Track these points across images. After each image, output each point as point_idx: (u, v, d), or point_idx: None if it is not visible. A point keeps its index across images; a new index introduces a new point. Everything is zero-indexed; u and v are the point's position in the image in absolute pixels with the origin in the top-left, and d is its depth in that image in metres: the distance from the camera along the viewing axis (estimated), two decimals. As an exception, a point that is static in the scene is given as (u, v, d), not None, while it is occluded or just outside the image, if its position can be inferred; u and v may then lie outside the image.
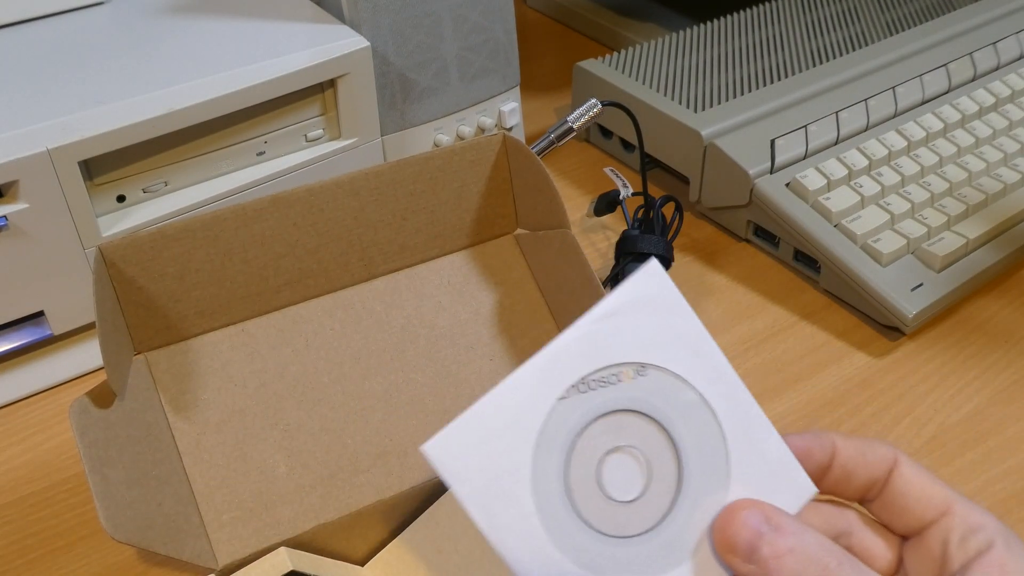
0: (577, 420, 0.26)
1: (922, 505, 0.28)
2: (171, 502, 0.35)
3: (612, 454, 0.27)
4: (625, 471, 0.27)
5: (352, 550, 0.39)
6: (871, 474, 0.29)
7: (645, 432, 0.27)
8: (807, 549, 0.25)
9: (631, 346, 0.27)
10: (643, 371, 0.27)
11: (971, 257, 0.55)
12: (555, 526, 0.26)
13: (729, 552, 0.26)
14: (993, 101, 0.65)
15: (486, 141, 0.43)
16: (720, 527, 0.27)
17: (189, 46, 0.52)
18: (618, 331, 0.27)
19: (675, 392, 0.27)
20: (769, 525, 0.26)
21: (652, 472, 0.27)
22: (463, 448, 0.26)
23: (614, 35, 0.81)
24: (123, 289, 0.37)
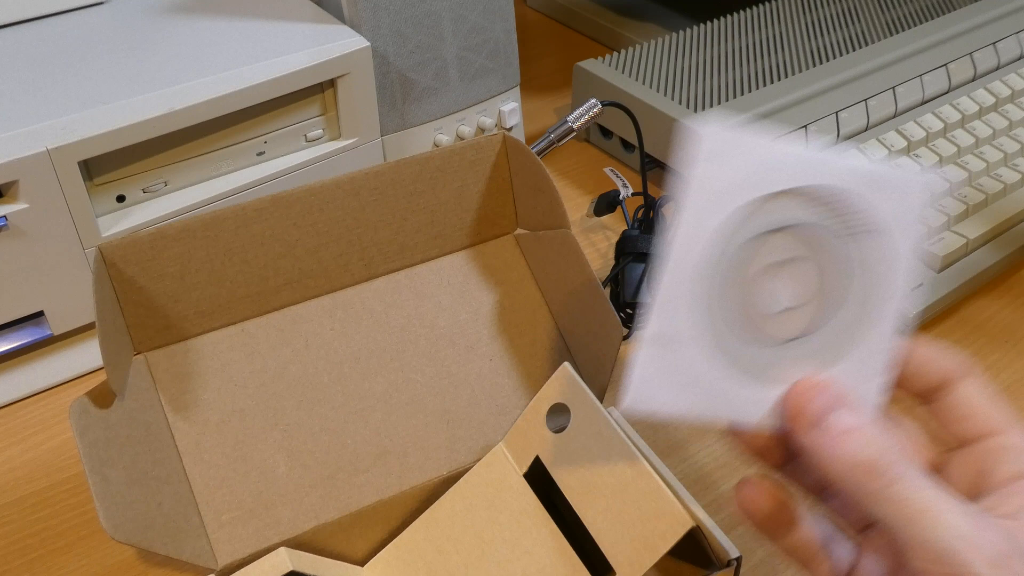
0: (787, 216, 0.28)
1: (977, 420, 0.29)
2: (171, 502, 0.36)
3: (783, 265, 0.28)
4: (785, 284, 0.28)
5: (352, 550, 0.39)
6: (940, 378, 0.30)
7: (820, 267, 0.28)
8: (870, 433, 0.27)
9: (881, 210, 0.28)
10: (870, 234, 0.28)
11: (971, 257, 0.55)
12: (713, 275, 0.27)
13: (796, 416, 0.28)
14: (993, 101, 0.65)
15: (486, 141, 0.43)
16: (793, 392, 0.28)
17: (189, 46, 0.52)
18: (874, 191, 0.28)
19: (863, 263, 0.29)
20: (837, 403, 0.27)
21: (805, 296, 0.28)
22: (727, 150, 0.27)
23: (614, 35, 0.81)
24: (123, 289, 0.37)
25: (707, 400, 0.28)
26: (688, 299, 0.27)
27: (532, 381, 0.42)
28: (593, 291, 0.40)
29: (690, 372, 0.28)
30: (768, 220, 0.28)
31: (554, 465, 0.37)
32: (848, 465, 0.26)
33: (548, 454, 0.37)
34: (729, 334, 0.28)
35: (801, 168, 0.27)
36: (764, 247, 0.28)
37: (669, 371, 0.27)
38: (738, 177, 0.27)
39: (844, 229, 0.28)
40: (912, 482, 0.26)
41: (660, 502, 0.33)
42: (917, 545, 0.25)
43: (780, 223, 0.28)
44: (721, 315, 0.28)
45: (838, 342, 0.29)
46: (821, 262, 0.28)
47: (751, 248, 0.28)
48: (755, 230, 0.28)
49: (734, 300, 0.28)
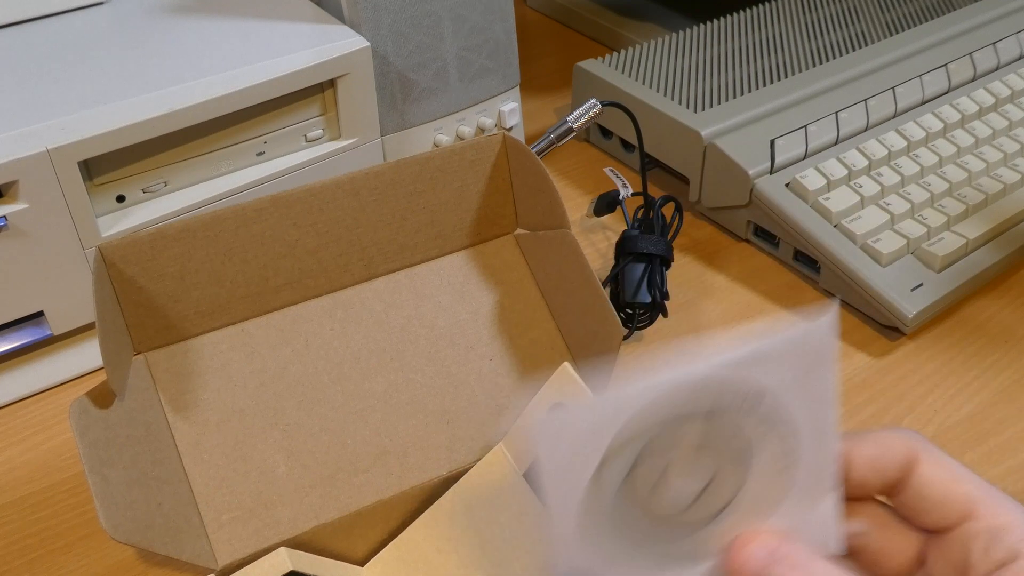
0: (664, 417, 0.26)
1: (944, 507, 0.27)
2: (171, 502, 0.35)
3: (684, 452, 0.26)
4: (692, 468, 0.27)
5: (352, 550, 0.39)
6: (887, 477, 0.28)
7: (727, 441, 0.27)
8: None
9: (763, 381, 0.26)
10: (760, 399, 0.26)
11: (971, 257, 0.55)
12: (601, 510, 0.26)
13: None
14: (993, 101, 0.65)
15: (486, 141, 0.43)
16: (730, 555, 0.27)
17: (189, 46, 0.52)
18: (759, 375, 0.26)
19: (770, 427, 0.27)
20: (774, 557, 0.26)
21: (719, 469, 0.27)
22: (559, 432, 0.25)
23: (614, 35, 0.81)
24: (123, 289, 0.37)
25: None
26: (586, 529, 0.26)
27: (532, 381, 0.42)
28: (593, 291, 0.40)
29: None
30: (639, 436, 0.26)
31: (554, 465, 0.37)
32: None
33: (548, 454, 0.37)
34: (645, 544, 0.27)
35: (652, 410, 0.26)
36: (653, 453, 0.26)
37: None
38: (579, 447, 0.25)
39: (737, 406, 0.26)
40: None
41: (660, 502, 0.33)
42: None
43: (653, 429, 0.26)
44: (631, 535, 0.26)
45: (768, 494, 0.27)
46: (717, 435, 0.27)
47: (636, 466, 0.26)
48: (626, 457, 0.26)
49: (638, 519, 0.27)
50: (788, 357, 0.26)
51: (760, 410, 0.26)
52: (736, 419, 0.26)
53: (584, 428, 0.25)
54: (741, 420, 0.26)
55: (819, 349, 0.26)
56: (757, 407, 0.26)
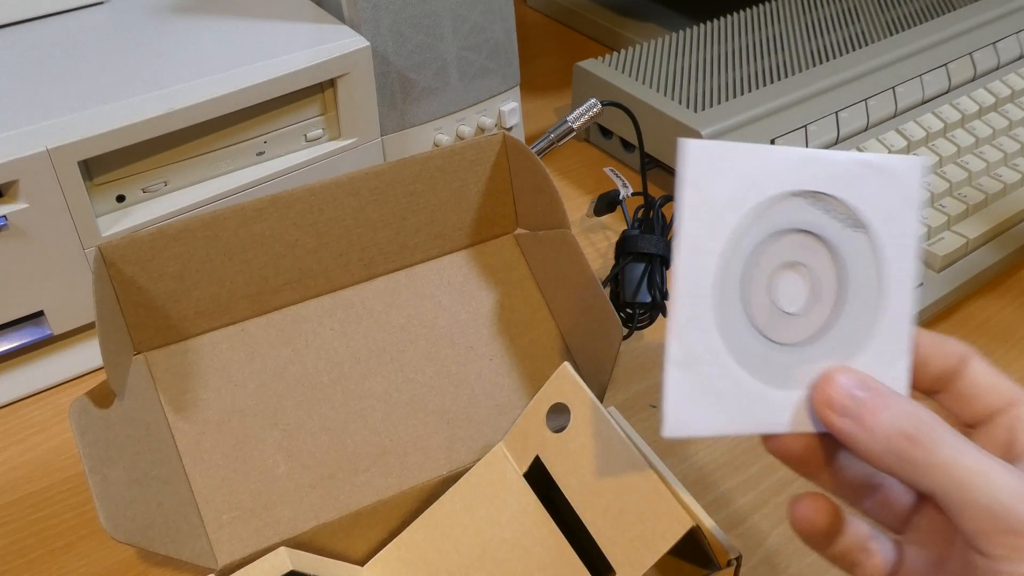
0: (790, 220, 0.28)
1: (991, 395, 0.29)
2: (171, 502, 0.35)
3: (789, 268, 0.29)
4: (795, 286, 0.29)
5: (352, 550, 0.39)
6: (946, 365, 0.30)
7: (830, 269, 0.29)
8: (903, 405, 0.27)
9: (869, 204, 0.29)
10: (861, 229, 0.29)
11: (971, 257, 0.55)
12: (723, 288, 0.28)
13: (826, 407, 0.28)
14: (993, 101, 0.65)
15: (486, 141, 0.43)
16: (819, 385, 0.28)
17: (189, 46, 0.52)
18: (869, 184, 0.29)
19: (867, 253, 0.29)
20: (865, 387, 0.28)
21: (816, 301, 0.29)
22: (715, 164, 0.27)
23: (614, 35, 0.81)
24: (123, 289, 0.37)
25: (740, 413, 0.28)
26: (703, 317, 0.28)
27: (532, 381, 0.42)
28: (593, 291, 0.40)
29: (718, 389, 0.28)
30: (768, 226, 0.28)
31: (554, 465, 0.37)
32: (888, 440, 0.26)
33: (548, 454, 0.37)
34: (748, 344, 0.28)
35: (790, 169, 0.28)
36: (768, 253, 0.28)
37: (698, 392, 0.28)
38: (731, 189, 0.28)
39: (843, 224, 0.29)
40: (955, 446, 0.26)
41: (660, 502, 0.33)
42: (969, 507, 0.25)
43: (780, 227, 0.28)
44: (738, 327, 0.28)
45: (855, 335, 0.29)
46: (826, 260, 0.29)
47: (756, 256, 0.28)
48: (757, 237, 0.28)
49: (747, 310, 0.28)
50: (889, 182, 0.29)
51: (870, 233, 0.29)
52: (851, 241, 0.29)
53: (743, 175, 0.28)
54: (855, 242, 0.29)
55: (907, 191, 0.29)
56: (868, 228, 0.29)
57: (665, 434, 0.28)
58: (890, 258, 0.29)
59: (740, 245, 0.28)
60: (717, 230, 0.28)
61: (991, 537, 0.25)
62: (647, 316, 0.52)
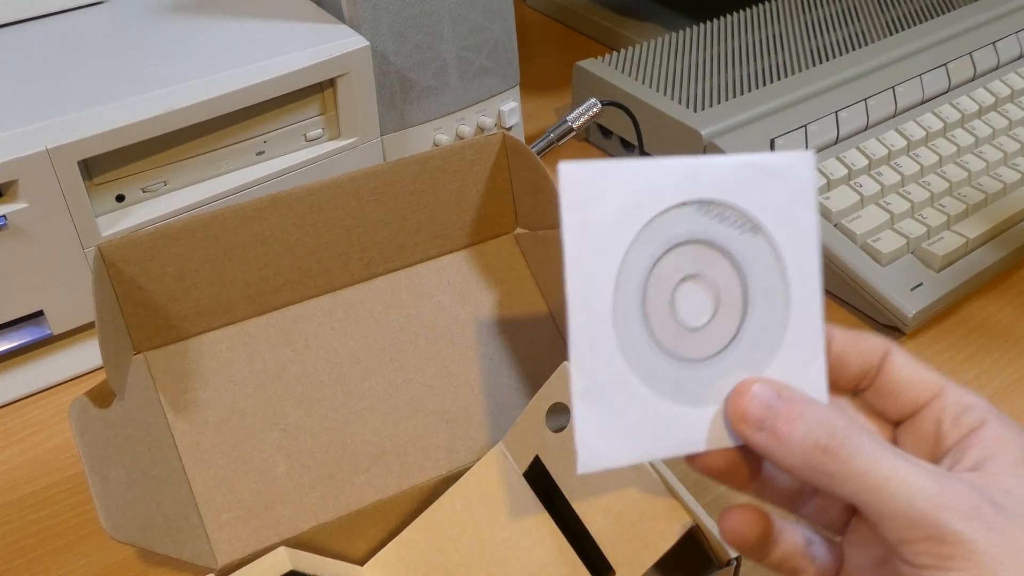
0: (681, 232, 0.28)
1: (915, 388, 0.29)
2: (171, 502, 0.35)
3: (688, 281, 0.28)
4: (697, 299, 0.28)
5: (352, 550, 0.39)
6: (865, 362, 0.29)
7: (728, 277, 0.28)
8: (817, 415, 0.26)
9: (760, 205, 0.28)
10: (756, 232, 0.28)
11: (971, 257, 0.55)
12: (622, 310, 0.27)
13: (741, 422, 0.27)
14: (993, 101, 0.65)
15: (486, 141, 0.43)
16: (733, 399, 0.28)
17: (189, 46, 0.52)
18: (757, 184, 0.28)
19: (767, 256, 0.28)
20: (779, 398, 0.27)
21: (718, 312, 0.28)
22: (594, 185, 0.27)
23: (614, 35, 0.81)
24: (123, 289, 0.37)
25: (655, 437, 0.28)
26: (604, 343, 0.27)
27: (532, 381, 0.42)
28: (593, 291, 0.40)
29: (629, 415, 0.27)
30: (661, 240, 0.27)
31: (554, 465, 0.37)
32: (803, 451, 0.26)
33: (548, 454, 0.37)
34: (656, 365, 0.28)
35: (675, 180, 0.27)
36: (665, 268, 0.28)
37: (608, 421, 0.27)
38: (615, 208, 0.27)
39: (738, 230, 0.28)
40: (870, 453, 0.25)
41: (660, 502, 0.33)
42: (888, 515, 0.25)
43: (674, 240, 0.28)
44: (642, 348, 0.27)
45: (765, 342, 0.28)
46: (726, 268, 0.28)
47: (653, 273, 0.28)
48: (651, 253, 0.27)
49: (651, 329, 0.28)
50: (780, 180, 0.28)
51: (765, 236, 0.28)
52: (747, 245, 0.28)
53: (626, 193, 0.27)
54: (751, 246, 0.28)
55: (800, 187, 0.28)
56: (763, 230, 0.28)
57: (580, 471, 0.27)
58: (791, 259, 0.28)
59: (634, 264, 0.27)
60: (606, 252, 0.27)
61: (912, 546, 0.25)
62: (647, 316, 0.51)
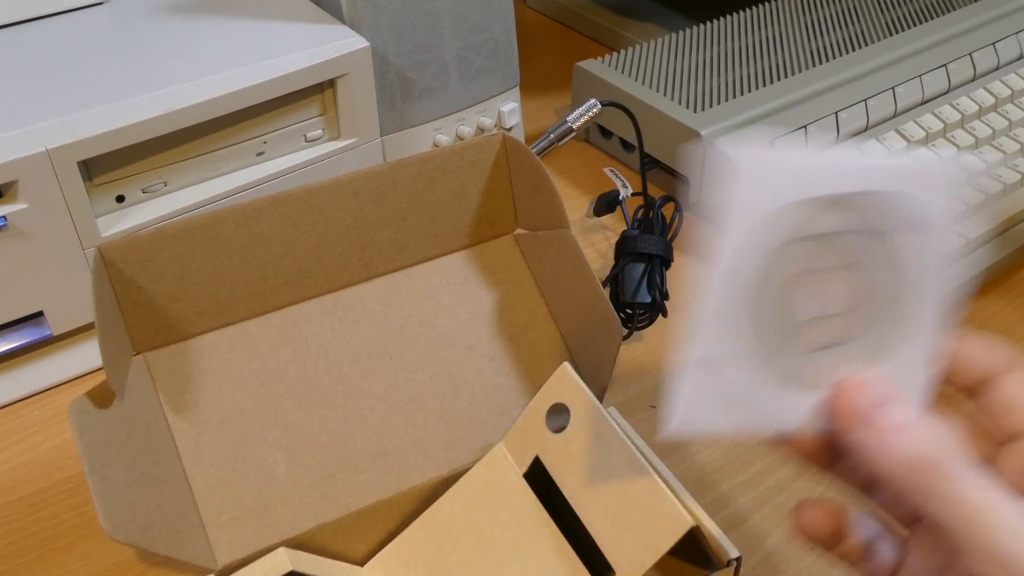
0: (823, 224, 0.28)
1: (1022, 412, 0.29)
2: (171, 502, 0.35)
3: (822, 272, 0.28)
4: (841, 287, 0.28)
5: (352, 550, 0.39)
6: (984, 372, 0.29)
7: (874, 268, 0.28)
8: (925, 427, 0.26)
9: (918, 199, 0.28)
10: (912, 229, 0.28)
11: (971, 257, 0.55)
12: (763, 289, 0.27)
13: (846, 416, 0.27)
14: (993, 101, 0.65)
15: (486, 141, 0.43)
16: (842, 391, 0.28)
17: (189, 46, 0.52)
18: (918, 182, 0.28)
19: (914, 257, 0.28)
20: (890, 400, 0.27)
21: (858, 298, 0.28)
22: (765, 171, 0.27)
23: (614, 35, 0.81)
24: (122, 289, 0.37)
25: (751, 414, 0.28)
26: (728, 317, 0.27)
27: (532, 381, 0.42)
28: (593, 291, 0.40)
29: (733, 390, 0.28)
30: (807, 229, 0.28)
31: (554, 465, 0.37)
32: (902, 463, 0.26)
33: (548, 454, 0.37)
34: (769, 345, 0.28)
35: (828, 175, 0.27)
36: (798, 255, 0.28)
37: (713, 391, 0.27)
38: (777, 193, 0.27)
39: (875, 230, 0.28)
40: (968, 481, 0.25)
41: (660, 502, 0.33)
42: (974, 546, 0.25)
43: (818, 231, 0.28)
44: (760, 327, 0.28)
45: (880, 342, 0.29)
46: (861, 265, 0.28)
47: (786, 257, 0.28)
48: (795, 239, 0.28)
49: (772, 310, 0.28)
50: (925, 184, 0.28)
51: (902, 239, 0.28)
52: (882, 247, 0.28)
53: (794, 177, 0.27)
54: (886, 248, 0.28)
55: (946, 195, 0.28)
56: (901, 233, 0.28)
57: (671, 429, 0.27)
58: (925, 265, 0.28)
59: (777, 247, 0.27)
60: (759, 233, 0.27)
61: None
62: (647, 316, 0.52)
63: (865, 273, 0.28)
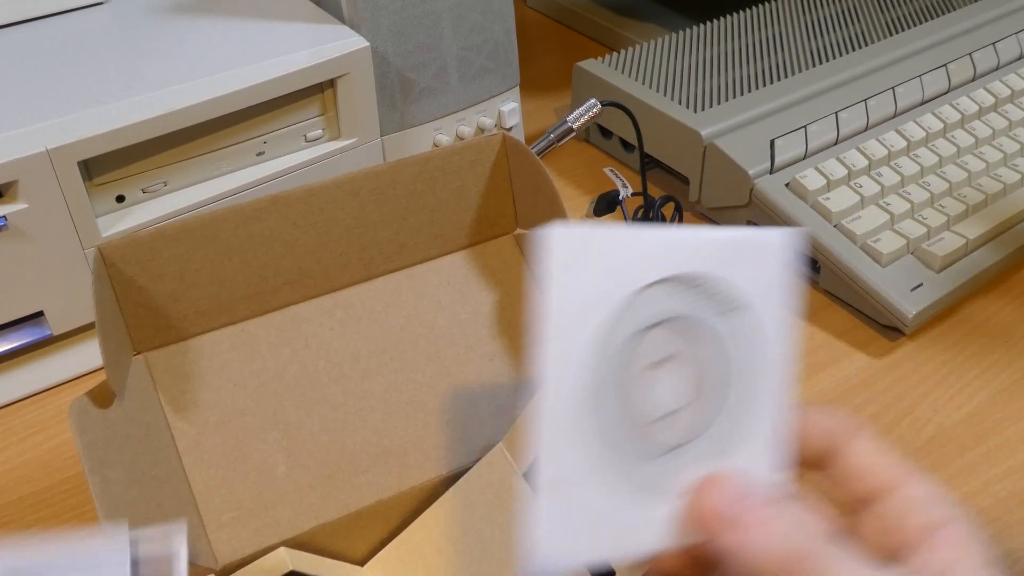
0: (666, 308, 0.26)
1: (878, 476, 0.28)
2: (171, 502, 0.35)
3: (669, 361, 0.26)
4: (677, 381, 0.27)
5: (352, 550, 0.39)
6: (828, 443, 0.29)
7: (708, 353, 0.27)
8: (788, 519, 0.25)
9: (748, 282, 0.27)
10: (742, 311, 0.27)
11: (971, 257, 0.55)
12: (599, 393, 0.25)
13: (708, 520, 0.26)
14: (993, 101, 0.65)
15: (486, 141, 0.43)
16: (700, 494, 0.26)
17: (189, 46, 0.52)
18: (742, 259, 0.27)
19: (749, 336, 0.27)
20: (749, 496, 0.26)
21: (699, 395, 0.27)
22: (583, 254, 0.25)
23: (614, 35, 0.81)
24: (123, 289, 0.37)
25: (616, 535, 0.26)
26: (577, 429, 0.25)
27: (532, 381, 0.42)
28: (593, 291, 0.40)
29: (592, 511, 0.25)
30: (640, 318, 0.26)
31: (554, 465, 0.37)
32: (774, 560, 0.25)
33: (548, 454, 0.37)
34: (620, 454, 0.26)
35: (660, 254, 0.26)
36: (642, 348, 0.26)
37: (572, 516, 0.25)
38: (600, 282, 0.25)
39: (713, 311, 0.27)
40: (841, 566, 0.24)
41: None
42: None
43: (653, 319, 0.26)
44: (607, 436, 0.26)
45: (729, 433, 0.27)
46: (697, 352, 0.27)
47: (629, 353, 0.26)
48: (629, 333, 0.26)
49: (614, 415, 0.26)
50: (759, 261, 0.27)
51: (739, 319, 0.27)
52: (721, 328, 0.27)
53: (614, 263, 0.25)
54: (725, 330, 0.27)
55: (786, 265, 0.27)
56: (737, 313, 0.27)
57: (534, 568, 0.25)
58: (771, 339, 0.27)
59: (611, 343, 0.25)
60: (586, 329, 0.25)
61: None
62: (647, 316, 0.51)
63: (697, 361, 0.27)
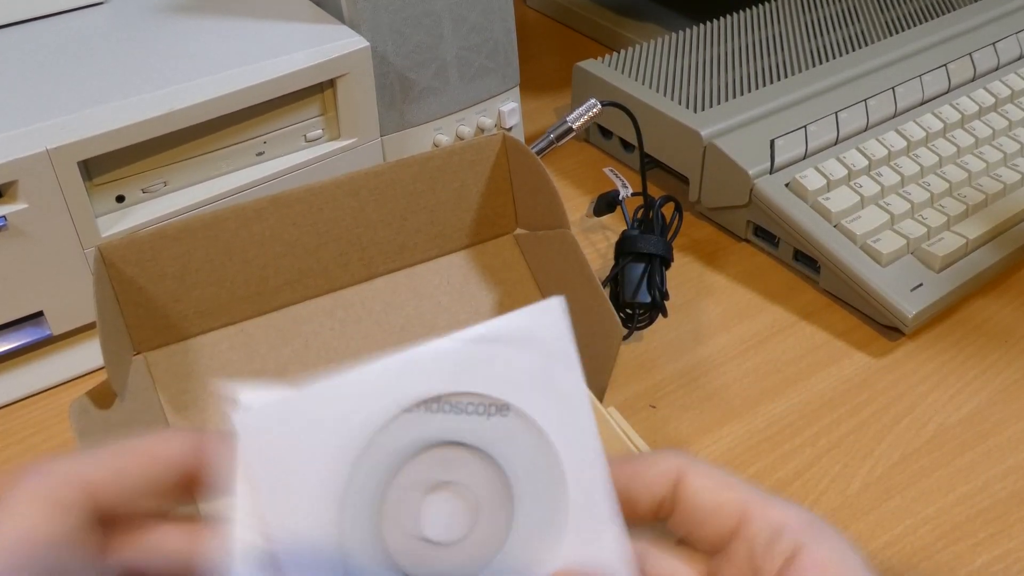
0: (413, 440, 0.24)
1: (716, 516, 0.25)
2: (171, 502, 0.35)
3: (440, 489, 0.24)
4: (451, 510, 0.24)
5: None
6: (655, 493, 0.26)
7: (484, 474, 0.24)
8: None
9: (502, 381, 0.24)
10: (504, 412, 0.24)
11: (971, 257, 0.55)
12: (356, 550, 0.23)
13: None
14: (993, 101, 0.65)
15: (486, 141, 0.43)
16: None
17: (189, 46, 0.52)
18: (493, 360, 0.24)
19: (525, 435, 0.24)
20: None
21: (479, 518, 0.24)
22: (285, 426, 0.22)
23: (614, 35, 0.81)
24: (123, 289, 0.37)
25: None
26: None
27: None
28: (593, 291, 0.40)
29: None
30: (391, 457, 0.23)
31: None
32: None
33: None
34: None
35: (387, 388, 0.23)
36: (403, 487, 0.23)
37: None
38: (320, 443, 0.23)
39: (480, 416, 0.24)
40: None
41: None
42: None
43: (409, 451, 0.24)
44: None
45: (546, 530, 0.24)
46: (477, 466, 0.24)
47: (387, 497, 0.23)
48: (381, 475, 0.23)
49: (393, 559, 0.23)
50: (519, 349, 0.24)
51: (507, 420, 0.24)
52: (483, 435, 0.24)
53: (328, 422, 0.23)
54: (489, 437, 0.24)
55: (551, 344, 0.24)
56: (504, 415, 0.24)
57: None
58: (555, 427, 0.24)
59: (363, 494, 0.23)
60: (320, 494, 0.22)
61: None
62: (647, 316, 0.52)
63: (465, 484, 0.24)
